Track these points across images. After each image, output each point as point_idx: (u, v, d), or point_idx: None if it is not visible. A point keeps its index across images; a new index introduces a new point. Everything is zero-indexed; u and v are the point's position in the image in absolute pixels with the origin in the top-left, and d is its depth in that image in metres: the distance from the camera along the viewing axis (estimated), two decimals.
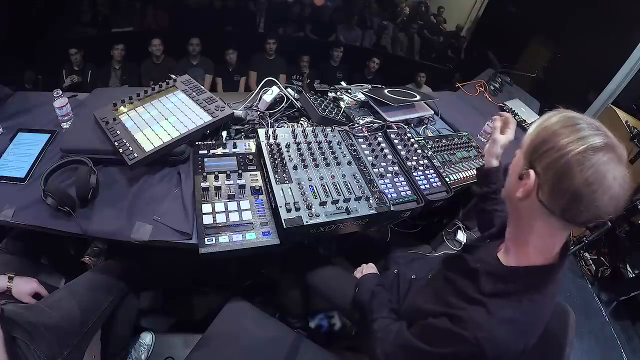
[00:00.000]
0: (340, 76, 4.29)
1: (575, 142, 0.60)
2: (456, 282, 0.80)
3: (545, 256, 0.72)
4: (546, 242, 0.71)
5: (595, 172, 0.58)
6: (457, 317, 0.72)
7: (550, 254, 0.72)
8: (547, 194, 0.64)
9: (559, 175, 0.61)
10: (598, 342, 2.14)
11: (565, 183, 0.60)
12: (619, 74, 2.61)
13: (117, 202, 1.12)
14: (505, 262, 0.76)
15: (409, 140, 1.50)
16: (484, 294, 0.72)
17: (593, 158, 0.59)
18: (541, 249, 0.72)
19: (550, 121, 0.67)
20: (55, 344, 0.99)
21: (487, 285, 0.73)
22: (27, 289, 1.12)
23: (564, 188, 0.61)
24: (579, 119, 0.65)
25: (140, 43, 3.72)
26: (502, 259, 0.78)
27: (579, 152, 0.59)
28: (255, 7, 4.84)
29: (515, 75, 2.66)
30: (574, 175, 0.59)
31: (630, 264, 2.40)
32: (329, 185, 1.18)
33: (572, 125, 0.63)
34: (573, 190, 0.60)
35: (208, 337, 1.21)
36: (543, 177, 0.64)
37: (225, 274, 1.84)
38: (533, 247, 0.72)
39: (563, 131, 0.63)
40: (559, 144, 0.62)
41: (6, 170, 1.19)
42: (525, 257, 0.73)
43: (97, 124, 1.24)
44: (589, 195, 0.59)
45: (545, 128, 0.67)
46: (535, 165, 0.65)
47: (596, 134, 0.61)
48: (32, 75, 3.45)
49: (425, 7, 5.99)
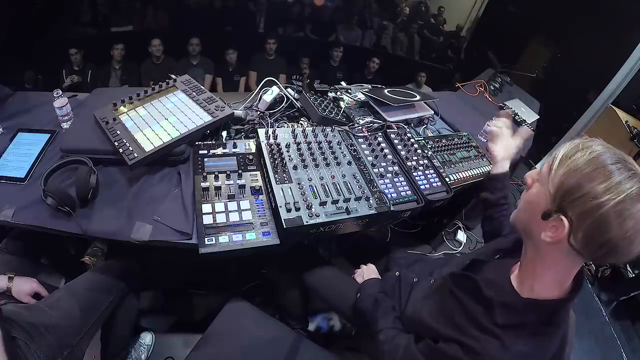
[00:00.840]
0: (340, 76, 4.29)
1: (611, 190, 0.57)
2: (467, 306, 0.77)
3: (561, 289, 0.70)
4: (565, 275, 0.70)
5: (635, 224, 0.56)
6: (470, 348, 0.70)
7: (565, 285, 0.71)
8: (580, 241, 0.60)
9: (595, 226, 0.58)
10: (598, 342, 2.14)
11: (603, 235, 0.58)
12: (619, 74, 2.61)
13: (117, 202, 1.12)
14: (520, 291, 0.73)
15: (409, 140, 1.50)
16: (498, 325, 0.70)
17: (632, 209, 0.56)
18: (558, 282, 0.70)
19: (579, 161, 0.62)
20: (55, 344, 0.99)
21: (502, 317, 0.70)
22: (27, 289, 1.12)
23: (601, 240, 0.58)
24: (607, 158, 0.61)
25: (140, 43, 3.72)
26: (515, 286, 0.75)
27: (617, 204, 0.56)
28: (255, 7, 4.83)
29: (515, 75, 2.66)
30: (612, 228, 0.57)
31: (630, 264, 2.40)
32: (329, 185, 1.18)
33: (602, 167, 0.59)
34: (611, 242, 0.57)
35: (208, 337, 1.21)
36: (576, 224, 0.60)
37: (225, 274, 1.84)
38: (550, 280, 0.70)
39: (596, 176, 0.59)
40: (593, 192, 0.58)
41: (6, 170, 1.19)
42: (543, 289, 0.70)
43: (97, 124, 1.24)
44: (627, 246, 0.58)
45: (575, 170, 0.61)
46: (567, 211, 0.61)
47: (629, 177, 0.58)
48: (32, 75, 3.45)
49: (425, 7, 5.99)
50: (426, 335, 0.82)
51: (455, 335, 0.74)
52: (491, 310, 0.72)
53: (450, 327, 0.77)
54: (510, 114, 1.17)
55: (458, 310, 0.78)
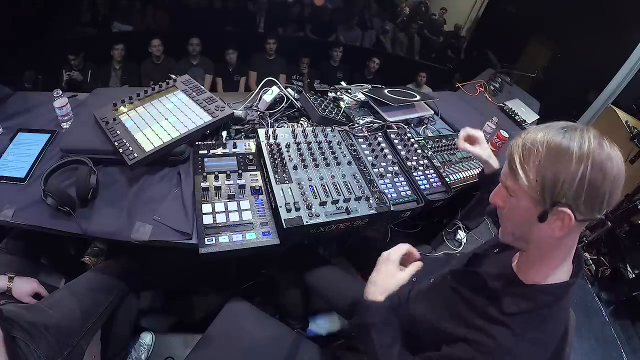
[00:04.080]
0: (340, 76, 4.29)
1: (581, 158, 0.60)
2: (472, 301, 0.77)
3: (563, 271, 0.71)
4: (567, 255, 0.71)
5: (611, 165, 0.60)
6: (480, 342, 0.69)
7: (566, 267, 0.72)
8: (584, 212, 0.62)
9: (590, 192, 0.61)
10: (598, 342, 2.14)
11: (598, 192, 0.61)
12: (619, 74, 2.61)
13: (117, 202, 1.12)
14: (524, 279, 0.74)
15: (409, 140, 1.50)
16: (507, 314, 0.70)
17: (602, 155, 0.60)
18: (561, 265, 0.71)
19: (540, 157, 0.64)
20: (55, 344, 0.99)
21: (510, 305, 0.71)
22: (27, 289, 1.12)
23: (598, 197, 0.61)
24: (554, 136, 0.63)
25: (140, 43, 3.72)
26: (519, 275, 0.75)
27: (592, 163, 0.60)
28: (255, 7, 4.84)
29: (515, 75, 2.66)
30: (601, 182, 0.60)
31: (630, 264, 2.40)
32: (329, 185, 1.18)
33: (558, 146, 0.62)
34: (607, 192, 0.61)
35: (208, 337, 1.21)
36: (575, 203, 0.62)
37: (225, 274, 1.84)
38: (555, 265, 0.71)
39: (561, 158, 0.61)
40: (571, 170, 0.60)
41: (6, 170, 1.19)
42: (545, 274, 0.71)
43: (97, 124, 1.24)
44: (619, 184, 0.62)
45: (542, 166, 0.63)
46: (560, 200, 0.62)
47: (580, 137, 0.61)
48: (32, 75, 3.44)
49: (425, 7, 6.00)
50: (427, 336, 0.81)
51: (461, 331, 0.74)
52: (498, 300, 0.72)
53: (456, 322, 0.76)
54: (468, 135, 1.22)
55: (463, 305, 0.78)
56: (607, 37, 2.98)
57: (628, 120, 2.66)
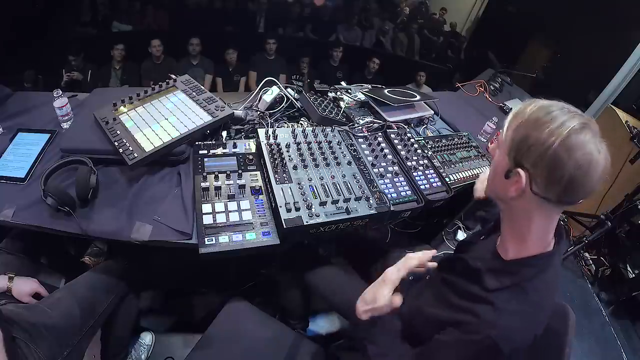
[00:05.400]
0: (340, 76, 4.29)
1: (555, 130, 0.62)
2: (457, 284, 0.80)
3: (543, 244, 0.74)
4: (543, 229, 0.73)
5: (583, 153, 0.60)
6: (466, 323, 0.71)
7: (547, 240, 0.74)
8: (541, 186, 0.65)
9: (550, 166, 0.62)
10: (598, 342, 2.14)
11: (558, 172, 0.62)
12: (619, 74, 2.61)
13: (117, 202, 1.12)
14: (504, 257, 0.77)
15: (409, 140, 1.50)
16: (489, 290, 0.73)
17: (577, 140, 0.61)
18: (539, 238, 0.73)
19: (524, 115, 0.67)
20: (55, 344, 0.99)
21: (491, 281, 0.73)
22: (27, 289, 1.12)
23: (557, 177, 0.62)
24: (549, 105, 0.66)
25: (140, 43, 3.72)
26: (501, 254, 0.78)
27: (563, 139, 0.61)
28: (255, 7, 4.84)
29: (515, 75, 2.66)
30: (565, 162, 0.61)
31: (630, 264, 2.40)
32: (329, 185, 1.18)
33: (546, 114, 0.64)
34: (567, 176, 0.61)
35: (208, 337, 1.21)
36: (534, 171, 0.65)
37: (225, 274, 1.84)
38: (531, 237, 0.73)
39: (540, 123, 0.64)
40: (541, 137, 0.63)
41: (6, 170, 1.19)
42: (525, 248, 0.74)
43: (97, 124, 1.24)
44: (583, 176, 0.61)
45: (522, 124, 0.67)
46: (522, 163, 0.66)
47: (571, 117, 0.63)
48: (31, 75, 3.44)
49: (426, 7, 6.00)
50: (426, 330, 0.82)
51: (450, 315, 0.76)
52: (480, 278, 0.75)
53: (443, 308, 0.79)
54: None
55: (450, 291, 0.81)
56: (607, 37, 2.98)
57: (628, 120, 2.65)
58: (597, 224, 2.43)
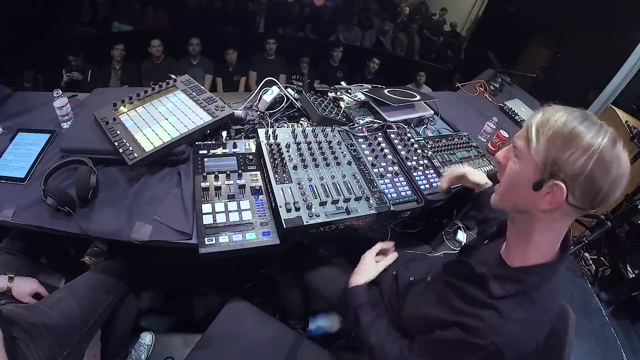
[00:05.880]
0: (340, 76, 4.29)
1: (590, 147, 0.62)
2: (462, 288, 0.79)
3: (550, 252, 0.73)
4: (556, 237, 0.72)
5: (617, 167, 0.62)
6: (470, 325, 0.71)
7: (554, 248, 0.73)
8: (578, 197, 0.64)
9: (588, 181, 0.62)
10: (598, 342, 2.14)
11: (596, 186, 0.62)
12: (619, 74, 2.61)
13: (117, 202, 1.12)
14: (510, 263, 0.76)
15: (409, 140, 1.50)
16: (494, 297, 0.72)
17: (610, 155, 0.61)
18: (549, 245, 0.73)
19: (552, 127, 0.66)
20: (55, 344, 0.99)
21: (497, 289, 0.73)
22: (27, 289, 1.12)
23: (595, 190, 0.63)
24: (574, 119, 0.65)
25: (140, 43, 3.72)
26: (506, 260, 0.78)
27: (598, 157, 0.61)
28: (255, 7, 4.84)
29: (515, 75, 2.66)
30: (602, 178, 0.62)
31: (630, 264, 2.40)
32: (329, 185, 1.18)
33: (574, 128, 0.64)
34: (604, 189, 0.62)
35: (208, 337, 1.21)
36: (572, 184, 0.63)
37: (225, 274, 1.84)
38: (541, 246, 0.72)
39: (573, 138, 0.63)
40: (576, 154, 0.62)
41: (6, 170, 1.19)
42: (532, 256, 0.73)
43: (97, 124, 1.24)
44: (616, 187, 0.63)
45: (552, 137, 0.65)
46: (558, 175, 0.64)
47: (598, 131, 0.63)
48: (31, 75, 3.44)
49: (426, 7, 6.00)
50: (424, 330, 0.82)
51: (453, 317, 0.75)
52: (486, 285, 0.74)
53: (447, 311, 0.79)
54: None
55: (454, 294, 0.80)
56: (607, 37, 2.98)
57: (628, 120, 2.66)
58: (597, 224, 2.43)
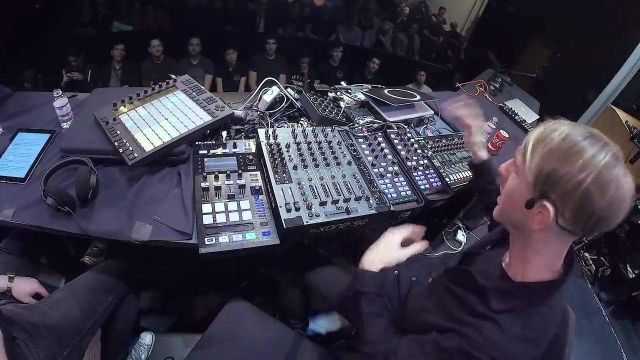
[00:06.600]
0: (340, 76, 4.29)
1: (587, 165, 0.58)
2: (463, 297, 0.78)
3: (552, 270, 0.72)
4: (557, 256, 0.71)
5: (616, 188, 0.58)
6: (469, 336, 0.70)
7: (556, 267, 0.72)
8: (568, 220, 0.62)
9: (580, 202, 0.59)
10: (598, 342, 2.14)
11: (589, 208, 0.59)
12: (618, 74, 2.62)
13: (117, 202, 1.12)
14: (512, 277, 0.75)
15: (409, 140, 1.50)
16: (494, 311, 0.71)
17: (610, 176, 0.58)
18: (549, 264, 0.71)
19: (550, 143, 0.63)
20: (55, 344, 0.99)
21: (497, 302, 0.71)
22: (27, 289, 1.12)
23: (588, 213, 0.59)
24: (577, 135, 0.62)
25: (140, 43, 3.72)
26: (508, 273, 0.76)
27: (596, 176, 0.58)
28: (255, 7, 4.84)
29: (515, 75, 2.66)
30: (596, 199, 0.58)
31: (630, 264, 2.40)
32: (329, 185, 1.18)
33: (574, 145, 0.61)
34: (598, 212, 0.59)
35: (208, 337, 1.21)
36: (561, 205, 0.61)
37: (225, 274, 1.84)
38: (542, 263, 0.71)
39: (570, 155, 0.60)
40: (572, 171, 0.59)
41: (6, 170, 1.19)
42: (534, 272, 0.72)
43: (97, 124, 1.24)
44: (614, 211, 0.59)
45: (549, 153, 0.63)
46: (549, 195, 0.62)
47: (600, 149, 0.60)
48: (31, 75, 3.44)
49: (426, 7, 5.99)
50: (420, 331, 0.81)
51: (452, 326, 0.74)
52: (486, 297, 0.73)
53: (447, 318, 0.78)
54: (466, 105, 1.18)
55: (454, 302, 0.79)
56: (607, 37, 2.98)
57: (628, 120, 2.66)
58: None
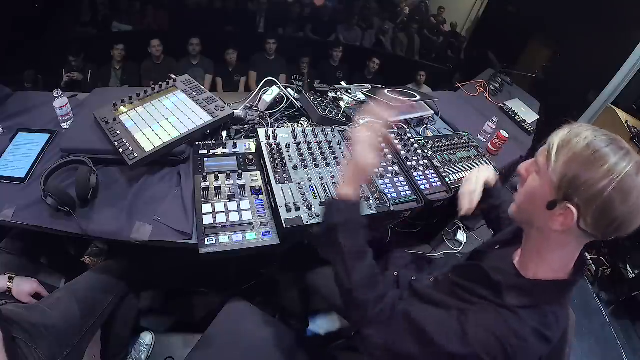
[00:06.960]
0: (340, 76, 4.29)
1: (611, 172, 0.60)
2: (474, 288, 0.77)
3: (565, 271, 0.72)
4: (571, 257, 0.71)
5: (637, 197, 0.60)
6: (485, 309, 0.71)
7: (569, 267, 0.73)
8: (590, 224, 0.63)
9: (602, 208, 0.61)
10: (598, 342, 2.14)
11: (611, 214, 0.61)
12: (618, 74, 2.62)
13: (117, 202, 1.12)
14: (524, 274, 0.75)
15: (409, 140, 1.50)
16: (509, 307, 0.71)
17: (632, 184, 0.60)
18: (564, 264, 0.72)
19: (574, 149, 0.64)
20: (55, 344, 0.99)
21: (512, 299, 0.71)
22: (27, 289, 1.12)
23: (609, 218, 0.61)
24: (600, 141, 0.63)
25: (140, 43, 3.72)
26: (521, 271, 0.76)
27: (618, 183, 0.59)
28: (255, 7, 4.84)
29: (515, 75, 2.67)
30: (618, 206, 0.60)
31: (630, 264, 2.40)
32: (329, 185, 1.18)
33: (598, 151, 0.62)
34: (619, 219, 0.61)
35: (208, 337, 1.20)
36: (584, 209, 0.62)
37: (225, 274, 1.84)
38: (556, 263, 0.72)
39: (594, 161, 0.62)
40: (595, 177, 0.61)
41: (6, 170, 1.19)
42: (548, 271, 0.72)
43: (97, 124, 1.24)
44: (634, 218, 0.61)
45: (573, 159, 0.64)
46: (572, 198, 0.63)
47: (623, 157, 0.61)
48: (31, 75, 3.44)
49: (426, 7, 6.00)
50: None
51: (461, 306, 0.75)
52: (500, 293, 0.73)
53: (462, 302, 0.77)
54: None
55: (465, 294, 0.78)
56: (607, 37, 2.98)
57: (628, 120, 2.66)
58: None
